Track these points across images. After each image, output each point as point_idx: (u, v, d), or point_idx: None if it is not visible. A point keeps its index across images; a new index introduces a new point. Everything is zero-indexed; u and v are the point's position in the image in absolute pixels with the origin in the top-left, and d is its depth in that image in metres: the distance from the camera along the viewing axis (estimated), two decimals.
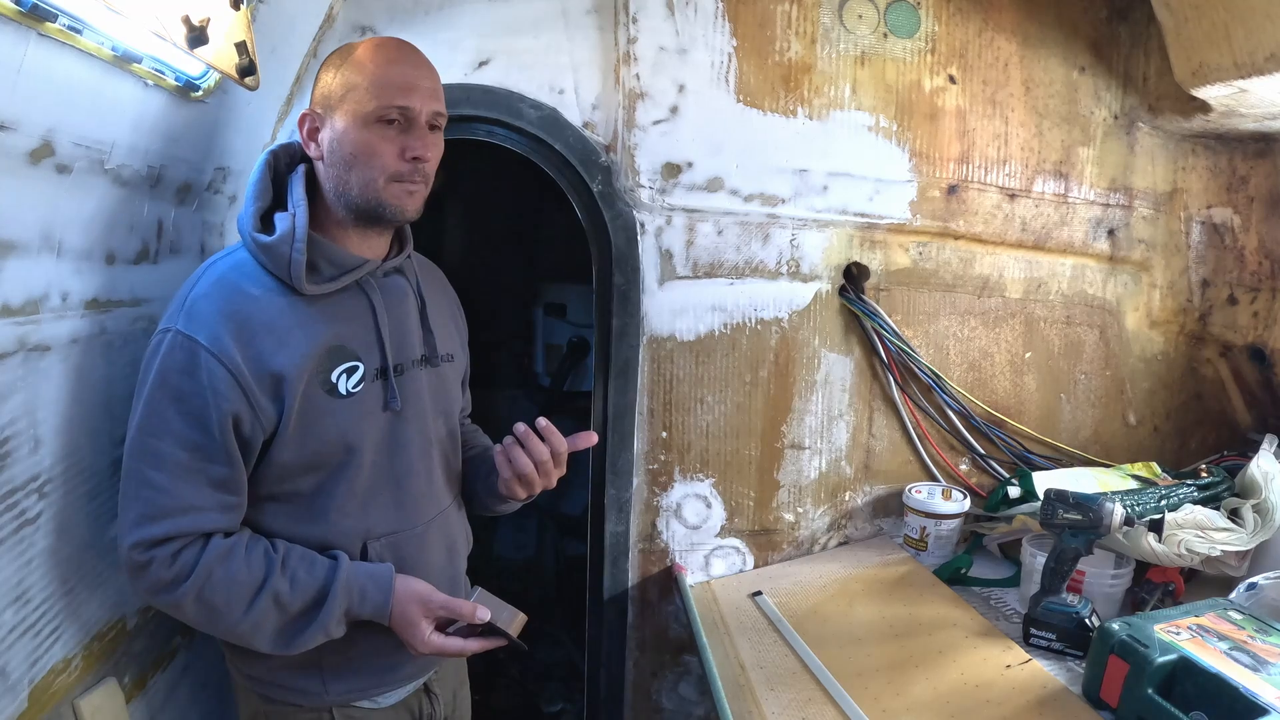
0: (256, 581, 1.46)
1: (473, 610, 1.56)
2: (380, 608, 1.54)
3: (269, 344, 1.47)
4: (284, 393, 1.48)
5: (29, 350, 1.39)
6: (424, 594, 1.56)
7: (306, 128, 1.56)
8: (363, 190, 1.53)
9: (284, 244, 1.49)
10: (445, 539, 1.78)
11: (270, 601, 1.47)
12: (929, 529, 2.46)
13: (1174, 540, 2.03)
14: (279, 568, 1.48)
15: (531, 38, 2.32)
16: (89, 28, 1.28)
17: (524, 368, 4.75)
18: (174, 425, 1.42)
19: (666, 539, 2.58)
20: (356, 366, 1.56)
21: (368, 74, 1.50)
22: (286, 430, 1.49)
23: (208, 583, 1.43)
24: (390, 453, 1.64)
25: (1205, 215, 2.65)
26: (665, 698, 2.70)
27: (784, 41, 2.42)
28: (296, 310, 1.51)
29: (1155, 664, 1.59)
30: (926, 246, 2.58)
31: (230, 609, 1.45)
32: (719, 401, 2.54)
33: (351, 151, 1.51)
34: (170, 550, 1.42)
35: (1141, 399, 2.76)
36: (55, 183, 1.39)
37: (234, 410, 1.44)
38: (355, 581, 1.53)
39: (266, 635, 1.49)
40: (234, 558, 1.45)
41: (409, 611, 1.55)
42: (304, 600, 1.49)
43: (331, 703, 1.65)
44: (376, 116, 1.49)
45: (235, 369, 1.43)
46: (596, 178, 2.39)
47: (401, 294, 1.69)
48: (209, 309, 1.45)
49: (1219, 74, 2.06)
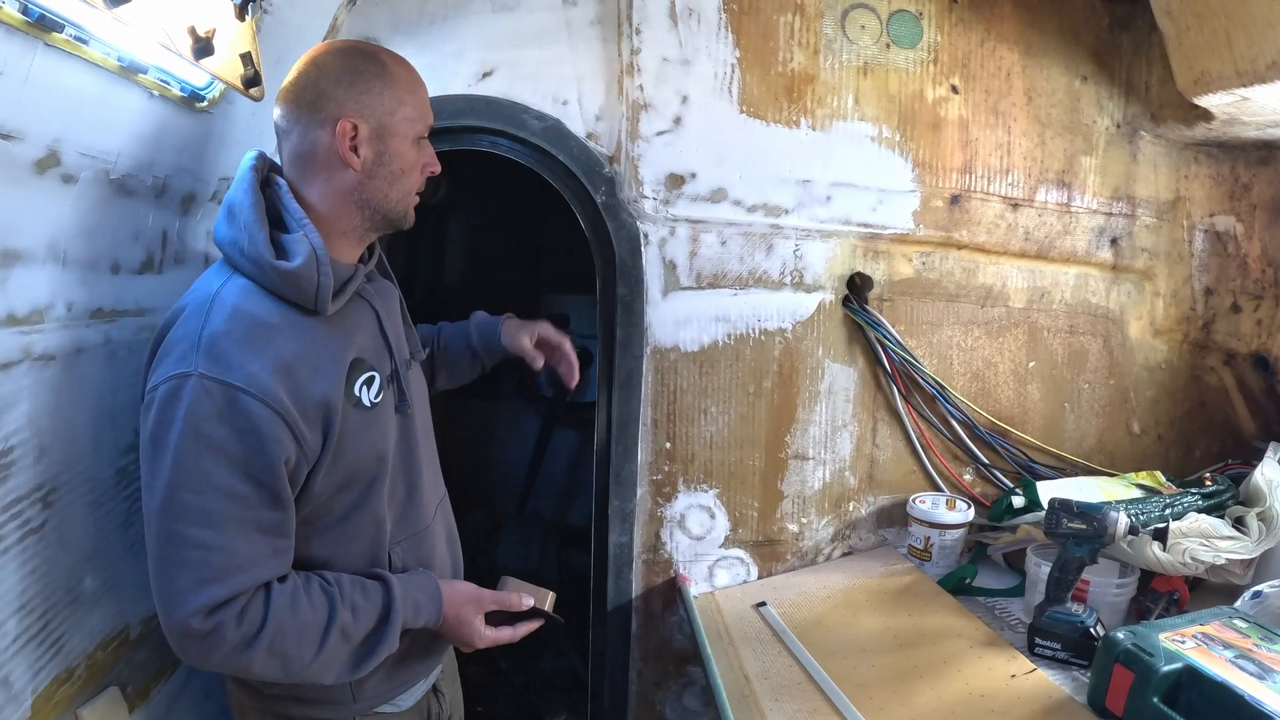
0: (323, 621, 1.42)
1: (519, 599, 1.69)
2: (434, 616, 1.59)
3: (305, 373, 1.41)
4: (329, 420, 1.44)
5: (34, 360, 1.39)
6: (473, 594, 1.66)
7: (349, 142, 1.48)
8: (399, 202, 1.57)
9: (309, 270, 1.42)
10: (446, 528, 1.83)
11: (339, 636, 1.44)
12: (933, 539, 2.46)
13: (1178, 549, 2.03)
14: (340, 601, 1.45)
15: (535, 49, 2.33)
16: (95, 38, 1.28)
17: (526, 379, 4.75)
18: (215, 478, 1.32)
19: (670, 550, 2.58)
20: (374, 376, 1.55)
21: (409, 93, 1.54)
22: (327, 457, 1.45)
23: (278, 633, 1.37)
24: (404, 454, 1.65)
25: (1208, 223, 2.65)
26: (669, 709, 2.69)
27: (787, 52, 2.43)
28: (317, 333, 1.47)
29: (1160, 673, 1.58)
30: (930, 256, 2.58)
31: (303, 653, 1.41)
32: (723, 412, 2.54)
33: (402, 167, 1.54)
34: (236, 610, 1.33)
35: (1145, 408, 2.76)
36: (61, 192, 1.40)
37: (284, 454, 1.36)
38: (410, 597, 1.55)
39: (336, 668, 1.47)
40: (299, 603, 1.40)
41: (463, 613, 1.62)
42: (368, 627, 1.49)
43: (357, 711, 1.64)
44: (419, 135, 1.56)
45: (281, 408, 1.35)
46: (600, 188, 2.40)
47: (389, 295, 1.72)
48: (236, 347, 1.36)
49: (1221, 82, 2.06)
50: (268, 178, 1.53)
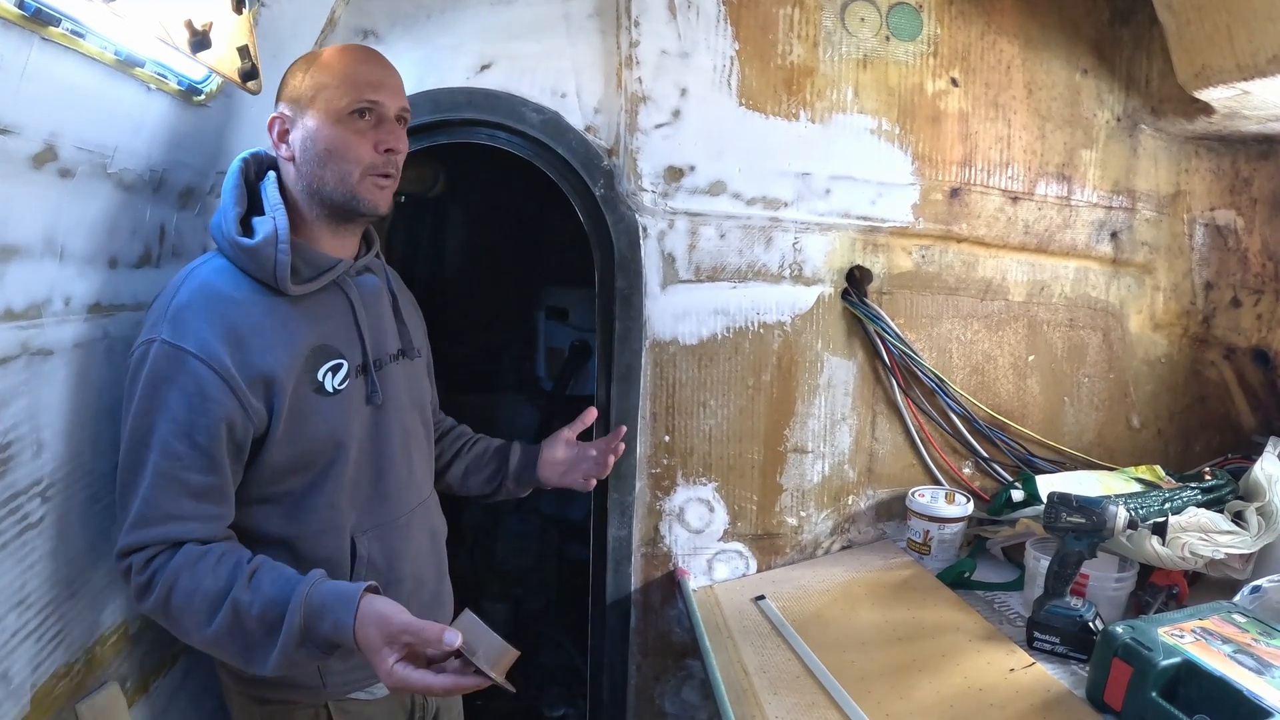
0: (220, 590, 1.38)
1: (439, 635, 1.29)
2: (341, 626, 1.35)
3: (257, 346, 1.49)
4: (274, 394, 1.50)
5: (32, 354, 1.39)
6: (385, 614, 1.34)
7: (276, 130, 1.59)
8: (338, 185, 1.56)
9: (268, 246, 1.51)
10: (428, 527, 1.83)
11: (231, 612, 1.38)
12: (932, 532, 2.46)
13: (1178, 543, 2.03)
14: (245, 578, 1.39)
15: (533, 41, 2.32)
16: (92, 32, 1.28)
17: (525, 372, 4.75)
18: (158, 435, 1.43)
19: (669, 543, 2.58)
20: (341, 364, 1.61)
21: (337, 73, 1.55)
22: (277, 431, 1.52)
23: (174, 589, 1.39)
24: (374, 446, 1.68)
25: (1208, 217, 2.65)
26: (668, 702, 2.69)
27: (786, 45, 2.42)
28: (280, 312, 1.54)
29: (1159, 667, 1.58)
30: (929, 250, 2.58)
31: (195, 618, 1.40)
32: (721, 405, 2.53)
33: (326, 147, 1.55)
34: (143, 558, 1.41)
35: (1145, 402, 2.75)
36: (58, 187, 1.40)
37: (226, 415, 1.45)
38: (317, 595, 1.38)
39: (235, 647, 1.41)
40: (201, 566, 1.40)
41: (368, 636, 1.33)
42: (262, 611, 1.37)
43: (329, 696, 1.67)
44: (349, 110, 1.55)
45: (226, 374, 1.45)
46: (599, 181, 2.39)
47: (376, 291, 1.75)
48: (194, 316, 1.47)
49: (1221, 76, 2.05)
50: (265, 172, 1.62)
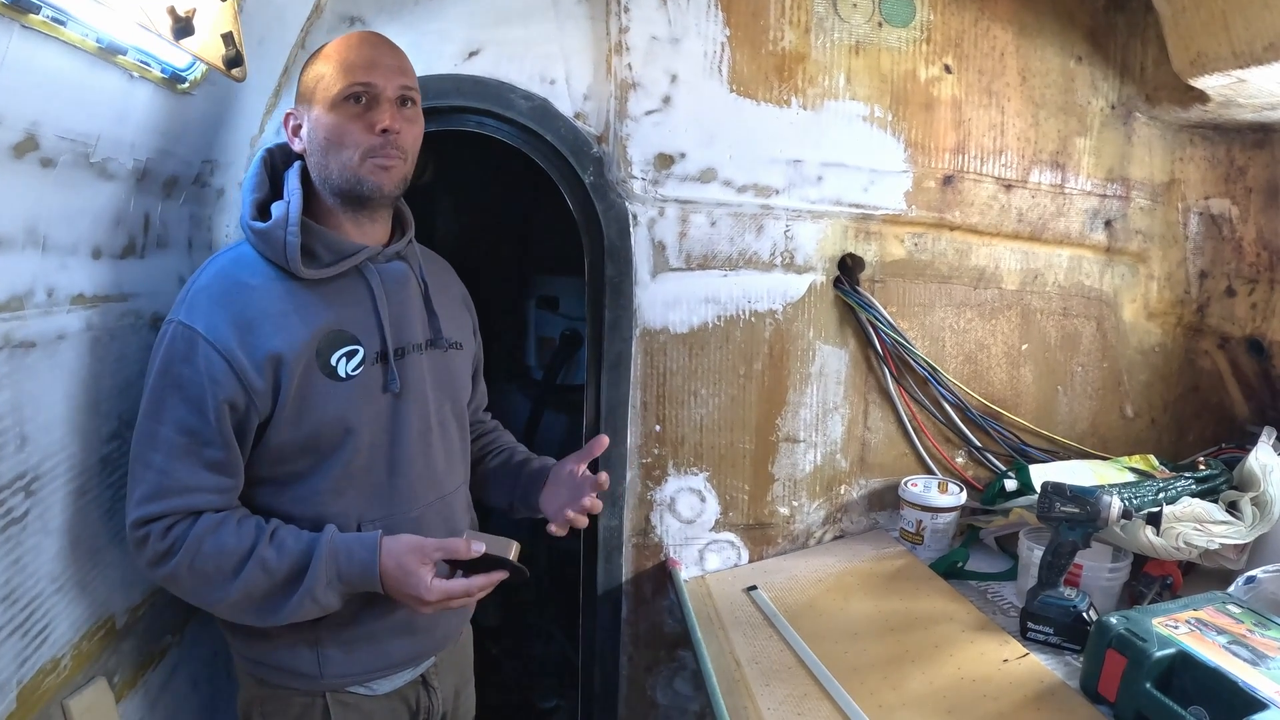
0: (245, 549, 1.50)
1: (468, 545, 1.53)
2: (368, 566, 1.52)
3: (266, 329, 1.53)
4: (281, 375, 1.53)
5: (14, 347, 1.37)
6: (415, 543, 1.55)
7: (290, 126, 1.65)
8: (341, 171, 1.58)
9: (278, 228, 1.55)
10: (446, 525, 1.77)
11: (258, 568, 1.50)
12: (925, 522, 2.45)
13: (1172, 533, 2.03)
14: (267, 537, 1.52)
15: (522, 27, 2.29)
16: (73, 19, 1.26)
17: (516, 361, 4.73)
18: (173, 411, 1.50)
19: (660, 533, 2.57)
20: (356, 350, 1.61)
21: (332, 61, 1.58)
22: (284, 412, 1.55)
23: (199, 553, 1.48)
24: (388, 436, 1.67)
25: (1203, 206, 2.64)
26: (660, 693, 2.69)
27: (777, 31, 2.40)
28: (294, 296, 1.57)
29: (1153, 658, 1.58)
30: (922, 238, 2.57)
31: (221, 576, 1.50)
32: (713, 394, 2.52)
33: (325, 136, 1.58)
34: (163, 526, 1.49)
35: (1139, 391, 2.75)
36: (40, 177, 1.37)
37: (229, 397, 1.50)
38: (341, 542, 1.54)
39: (256, 604, 1.53)
40: (224, 528, 1.51)
41: (405, 562, 1.52)
42: (290, 564, 1.51)
43: (326, 687, 1.67)
44: (342, 96, 1.56)
45: (230, 356, 1.49)
46: (588, 169, 2.37)
47: (403, 279, 1.73)
48: (207, 300, 1.53)
49: (1217, 64, 2.04)
50: (293, 161, 1.67)
